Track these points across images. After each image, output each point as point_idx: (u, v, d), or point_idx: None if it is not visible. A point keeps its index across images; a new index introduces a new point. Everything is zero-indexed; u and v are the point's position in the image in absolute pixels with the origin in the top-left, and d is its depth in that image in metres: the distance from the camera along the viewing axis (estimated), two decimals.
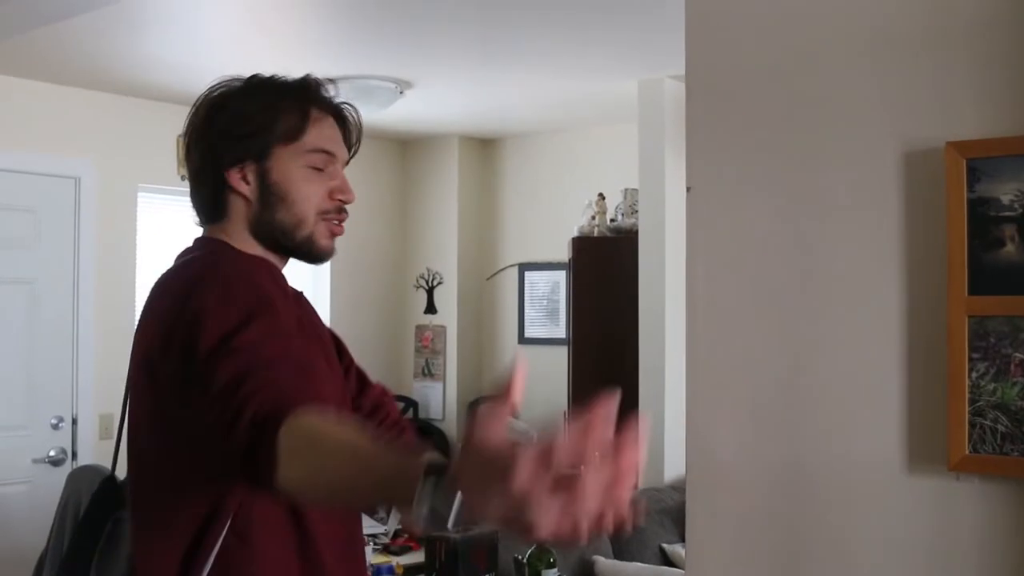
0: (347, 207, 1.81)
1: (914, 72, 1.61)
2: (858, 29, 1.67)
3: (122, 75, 5.40)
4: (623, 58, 5.05)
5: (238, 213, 1.76)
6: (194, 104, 1.80)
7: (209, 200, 1.78)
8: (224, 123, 1.74)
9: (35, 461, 5.54)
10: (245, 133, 1.74)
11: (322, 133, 1.79)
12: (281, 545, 1.62)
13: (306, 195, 1.75)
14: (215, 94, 1.79)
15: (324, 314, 2.03)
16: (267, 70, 1.78)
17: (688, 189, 1.82)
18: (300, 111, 1.77)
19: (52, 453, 5.60)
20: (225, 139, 1.74)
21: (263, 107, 1.76)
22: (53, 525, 2.36)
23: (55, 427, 5.63)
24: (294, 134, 1.76)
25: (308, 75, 1.86)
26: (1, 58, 5.01)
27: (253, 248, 1.76)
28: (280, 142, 1.75)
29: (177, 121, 1.76)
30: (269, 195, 1.74)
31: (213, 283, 1.61)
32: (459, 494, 0.99)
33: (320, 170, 1.77)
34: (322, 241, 1.78)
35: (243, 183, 1.75)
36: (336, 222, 1.78)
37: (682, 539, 4.50)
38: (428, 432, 7.09)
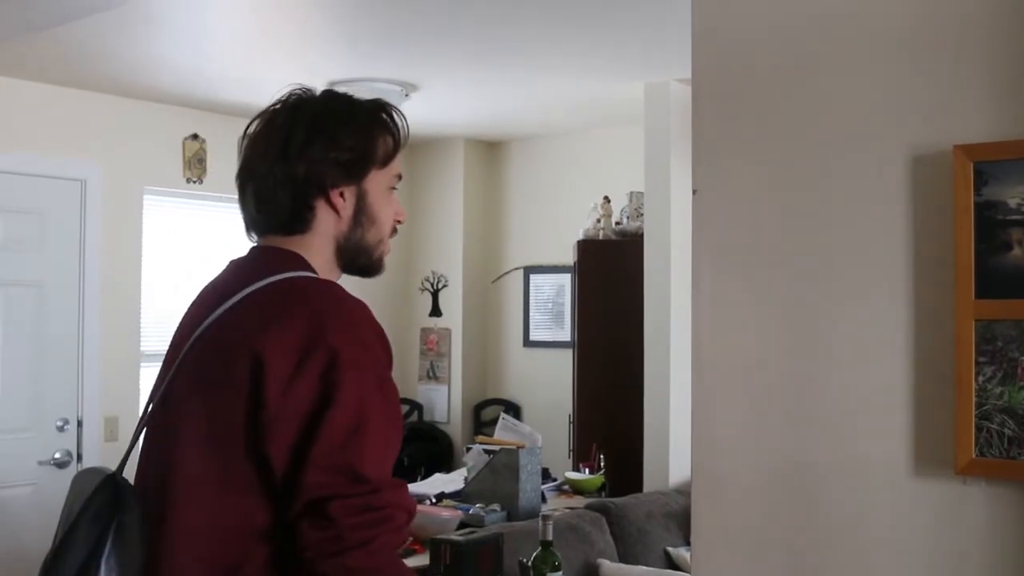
0: None
1: (921, 75, 1.61)
2: (865, 32, 1.66)
3: (128, 77, 5.40)
4: (629, 61, 5.05)
5: (326, 229, 1.80)
6: (273, 113, 1.83)
7: (294, 211, 1.78)
8: (327, 145, 1.77)
9: (40, 463, 5.54)
10: (351, 158, 1.79)
11: (400, 158, 1.89)
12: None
13: (387, 217, 1.85)
14: (308, 111, 1.81)
15: None
16: (273, 73, 1.79)
17: (694, 192, 1.82)
18: (392, 137, 1.85)
19: (57, 455, 5.60)
20: (330, 161, 1.77)
21: (366, 132, 1.82)
22: (58, 528, 2.36)
23: (60, 429, 5.63)
24: (387, 159, 1.84)
25: (384, 101, 1.90)
26: (7, 60, 5.02)
27: (328, 263, 1.81)
28: (376, 166, 1.82)
29: (183, 123, 1.76)
30: (362, 215, 1.81)
31: (348, 324, 1.67)
32: None
33: (393, 190, 1.89)
34: (385, 259, 1.89)
35: (341, 200, 1.79)
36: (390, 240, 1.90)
37: (687, 542, 4.49)
38: (433, 436, 7.09)
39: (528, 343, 7.09)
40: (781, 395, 1.72)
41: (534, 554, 3.48)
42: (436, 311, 7.33)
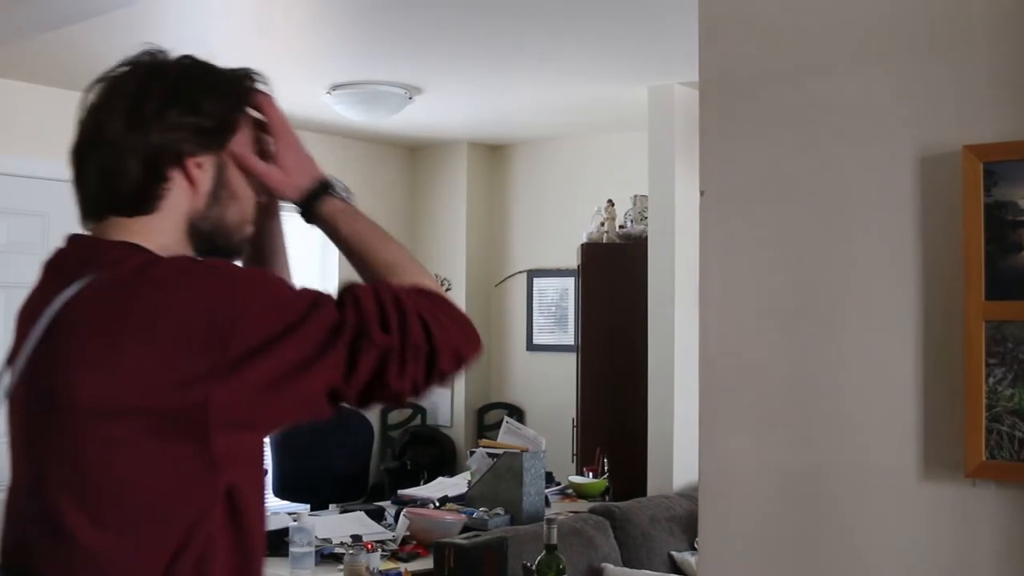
0: None
1: (930, 75, 1.60)
2: (873, 32, 1.66)
3: None
4: (633, 65, 5.05)
5: (177, 206, 1.51)
6: (120, 78, 1.55)
7: (143, 184, 1.48)
8: (186, 111, 1.50)
9: None
10: (212, 126, 1.52)
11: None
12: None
13: (249, 194, 1.58)
14: (164, 69, 1.55)
15: None
16: (275, 76, 1.71)
17: (701, 193, 1.81)
18: (251, 91, 1.60)
19: None
20: (189, 127, 1.50)
21: (231, 98, 1.56)
22: None
23: None
24: (242, 113, 1.58)
25: (250, 68, 1.64)
26: (11, 63, 5.02)
27: (175, 245, 1.51)
28: (236, 126, 1.56)
29: None
30: (222, 190, 1.53)
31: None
32: None
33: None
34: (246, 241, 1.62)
35: (198, 171, 1.51)
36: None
37: (691, 547, 4.48)
38: (436, 440, 7.08)
39: (532, 347, 7.08)
40: (789, 398, 1.71)
41: (538, 558, 3.47)
42: None
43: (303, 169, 1.60)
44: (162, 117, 1.49)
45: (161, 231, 1.50)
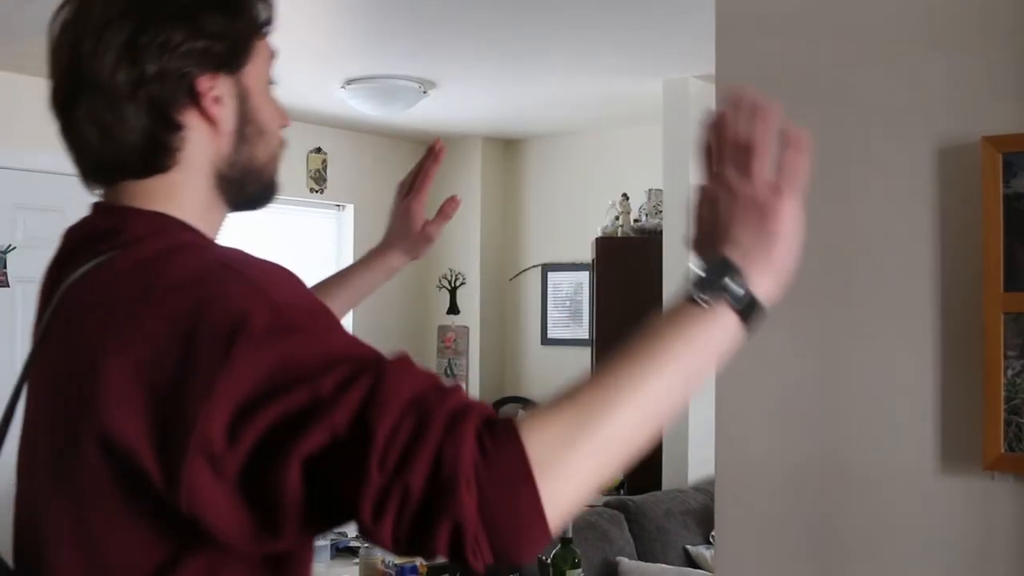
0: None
1: (948, 67, 1.59)
2: (891, 25, 1.65)
3: None
4: (648, 58, 5.03)
5: (200, 156, 1.20)
6: None
7: (152, 136, 1.17)
8: (190, 32, 1.17)
9: None
10: (225, 46, 1.21)
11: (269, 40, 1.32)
12: None
13: (275, 123, 1.28)
14: None
15: (347, 316, 1.80)
16: (288, 69, 1.52)
17: None
18: (267, 7, 1.32)
19: None
20: (197, 53, 1.18)
21: (238, 7, 1.25)
22: None
23: None
24: (260, 29, 1.29)
25: None
26: (26, 58, 5.04)
27: (205, 204, 1.23)
28: (252, 42, 1.26)
29: None
30: (247, 125, 1.23)
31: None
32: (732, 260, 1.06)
33: (271, 84, 1.31)
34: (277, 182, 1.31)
35: (217, 106, 1.19)
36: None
37: (706, 540, 4.47)
38: None
39: (546, 341, 7.08)
40: (806, 392, 1.70)
41: (553, 551, 3.47)
42: (454, 309, 7.32)
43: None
44: (163, 45, 1.16)
45: (188, 188, 1.21)
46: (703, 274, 1.06)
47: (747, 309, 1.07)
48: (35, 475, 1.20)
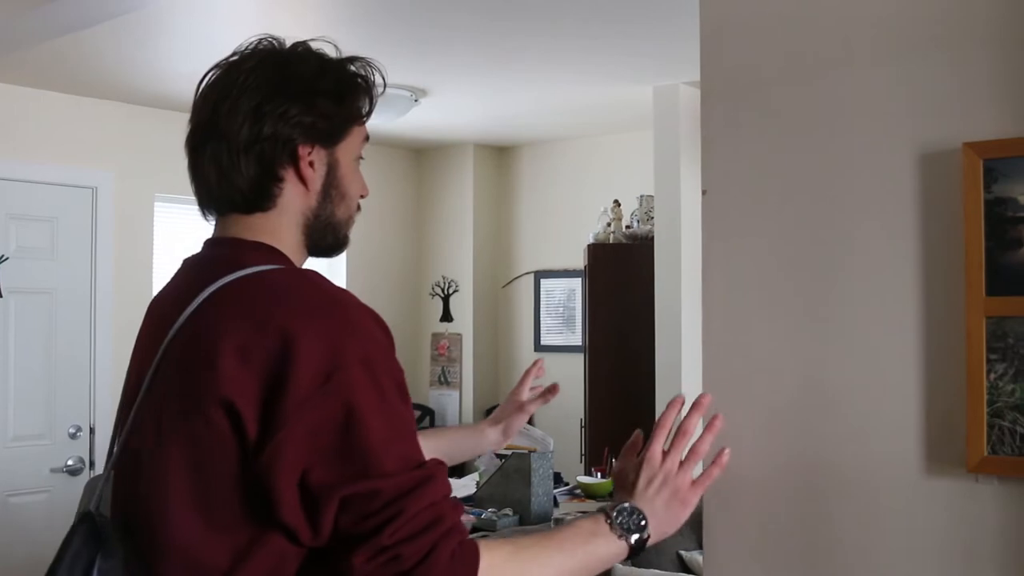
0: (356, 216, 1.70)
1: (930, 72, 1.61)
2: (873, 30, 1.66)
3: (139, 86, 5.42)
4: (638, 65, 5.06)
5: (293, 205, 1.56)
6: (237, 65, 1.61)
7: (259, 182, 1.53)
8: (303, 108, 1.53)
9: (53, 471, 5.57)
10: (328, 123, 1.56)
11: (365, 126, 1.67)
12: None
13: (356, 191, 1.63)
14: (282, 66, 1.59)
15: None
16: None
17: (704, 192, 1.82)
18: (370, 100, 1.64)
19: (70, 462, 5.63)
20: (305, 125, 1.53)
21: (345, 94, 1.59)
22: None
23: (73, 436, 5.66)
24: (359, 119, 1.62)
25: (363, 57, 1.68)
26: (19, 69, 5.05)
27: (296, 245, 1.58)
28: (350, 127, 1.60)
29: None
30: (332, 189, 1.58)
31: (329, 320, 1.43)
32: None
33: (360, 159, 1.66)
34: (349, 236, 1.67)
35: (311, 170, 1.55)
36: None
37: (699, 546, 4.48)
38: None
39: (539, 347, 7.10)
40: (792, 395, 1.72)
41: None
42: (447, 316, 7.33)
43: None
44: (281, 115, 1.52)
45: (283, 227, 1.56)
46: (623, 516, 1.56)
47: (638, 551, 1.56)
48: (153, 440, 1.44)
